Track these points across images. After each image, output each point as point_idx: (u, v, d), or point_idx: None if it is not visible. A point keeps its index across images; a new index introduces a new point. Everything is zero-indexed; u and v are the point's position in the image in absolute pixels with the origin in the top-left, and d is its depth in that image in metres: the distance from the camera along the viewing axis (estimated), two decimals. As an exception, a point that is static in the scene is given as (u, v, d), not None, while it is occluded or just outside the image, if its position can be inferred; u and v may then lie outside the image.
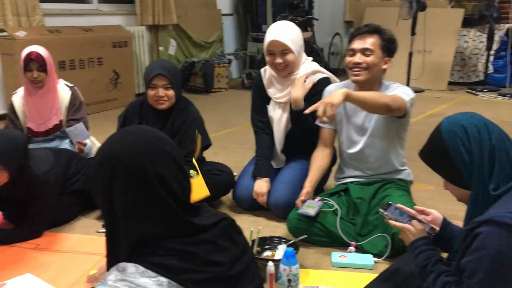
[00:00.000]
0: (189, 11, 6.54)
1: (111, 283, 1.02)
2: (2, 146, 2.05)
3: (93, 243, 2.29)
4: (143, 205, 1.07)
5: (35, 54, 2.96)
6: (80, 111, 3.18)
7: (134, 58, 5.69)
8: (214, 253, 1.10)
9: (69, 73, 4.76)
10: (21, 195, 2.26)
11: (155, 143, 1.11)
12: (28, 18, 4.70)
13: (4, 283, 1.92)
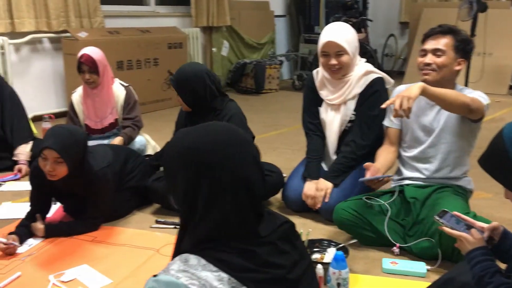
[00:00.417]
0: (242, 13, 6.61)
1: (173, 273, 1.04)
2: (62, 140, 2.14)
3: (146, 237, 2.36)
4: (224, 204, 1.07)
5: (85, 57, 3.11)
6: (134, 110, 3.29)
7: (188, 59, 5.81)
8: (275, 255, 1.10)
9: (127, 73, 4.93)
10: (80, 189, 2.36)
11: (244, 143, 1.11)
12: (90, 19, 4.91)
13: (63, 272, 2.02)
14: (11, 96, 3.33)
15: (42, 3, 4.49)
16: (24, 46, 4.56)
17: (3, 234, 2.23)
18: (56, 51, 4.78)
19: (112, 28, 4.99)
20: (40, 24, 4.52)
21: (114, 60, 4.79)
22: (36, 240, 2.30)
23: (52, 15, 4.56)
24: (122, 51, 4.89)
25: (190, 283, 1.01)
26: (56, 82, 4.86)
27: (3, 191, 2.97)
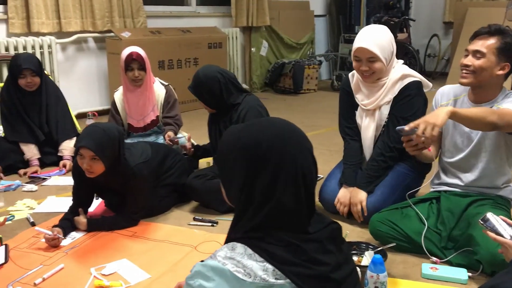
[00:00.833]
0: (282, 13, 6.60)
1: (220, 259, 1.07)
2: (97, 139, 2.20)
3: (184, 234, 2.39)
4: (282, 196, 1.08)
5: (136, 54, 3.17)
6: (174, 109, 3.35)
7: (227, 59, 5.85)
8: (320, 253, 1.11)
9: (167, 72, 5.02)
10: (118, 185, 2.42)
11: (301, 136, 1.14)
12: (133, 20, 5.03)
13: (104, 266, 2.08)
14: (57, 94, 3.45)
15: (88, 3, 4.63)
16: (70, 46, 4.71)
17: (48, 227, 2.31)
18: (100, 50, 4.92)
19: (154, 28, 5.09)
20: (85, 24, 4.66)
21: (155, 60, 4.89)
22: (79, 233, 2.38)
23: (97, 16, 4.69)
24: (164, 50, 4.98)
25: (235, 270, 1.04)
26: (100, 81, 5.00)
27: (48, 186, 3.08)
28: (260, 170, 1.09)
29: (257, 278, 1.04)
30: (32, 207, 2.74)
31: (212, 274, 1.06)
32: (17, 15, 4.19)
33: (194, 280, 1.08)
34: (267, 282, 1.04)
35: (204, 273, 1.07)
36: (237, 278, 1.04)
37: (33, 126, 3.31)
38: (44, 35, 4.36)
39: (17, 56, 3.35)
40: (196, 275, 1.08)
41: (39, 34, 4.34)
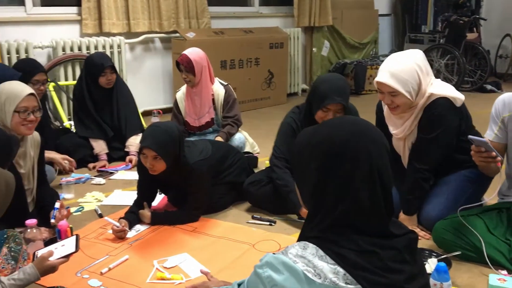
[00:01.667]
0: (345, 12, 6.52)
1: (291, 256, 1.07)
2: (159, 140, 2.28)
3: (243, 232, 2.43)
4: (357, 195, 1.07)
5: (182, 57, 3.31)
6: (233, 108, 3.40)
7: (288, 58, 5.86)
8: (396, 262, 1.08)
9: (229, 72, 5.09)
10: (179, 181, 2.49)
11: (378, 134, 1.12)
12: (197, 20, 5.15)
13: (166, 259, 2.14)
14: (126, 92, 3.61)
15: (155, 5, 4.79)
16: (137, 46, 4.90)
17: (115, 219, 2.41)
18: (165, 50, 5.08)
19: (218, 29, 5.18)
20: (152, 25, 4.83)
21: (218, 60, 4.98)
22: (143, 226, 2.47)
23: (163, 17, 4.85)
24: (226, 50, 5.06)
25: (305, 269, 1.04)
26: (165, 80, 5.16)
27: (115, 179, 3.22)
28: (333, 166, 1.08)
29: (327, 280, 1.04)
30: (100, 199, 2.87)
31: (282, 268, 1.06)
32: (90, 16, 4.41)
33: (264, 270, 1.08)
34: (337, 285, 1.03)
35: (274, 265, 1.07)
36: (307, 277, 1.04)
37: (102, 122, 3.48)
38: (114, 35, 4.57)
39: (94, 55, 3.53)
40: (266, 265, 1.09)
41: (109, 35, 4.55)
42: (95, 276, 2.01)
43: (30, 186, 2.35)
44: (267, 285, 1.07)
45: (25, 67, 3.08)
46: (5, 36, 3.98)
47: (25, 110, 2.19)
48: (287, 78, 5.92)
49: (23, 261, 1.94)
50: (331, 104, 2.34)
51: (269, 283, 1.07)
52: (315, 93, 2.42)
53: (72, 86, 4.14)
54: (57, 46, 4.22)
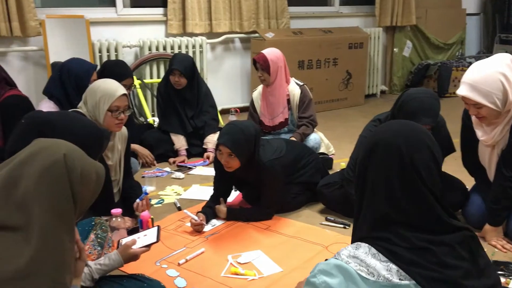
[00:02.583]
0: (430, 11, 6.25)
1: (344, 257, 1.10)
2: (234, 137, 2.33)
3: (316, 233, 2.42)
4: (391, 189, 1.12)
5: (260, 55, 3.34)
6: (309, 109, 3.39)
7: (368, 59, 5.73)
8: (451, 257, 1.08)
9: (306, 72, 5.08)
10: (253, 178, 2.54)
11: (417, 133, 1.17)
12: (277, 20, 5.18)
13: (240, 254, 2.19)
14: (206, 91, 3.73)
15: (236, 6, 4.89)
16: (218, 46, 5.03)
17: (193, 212, 2.50)
18: (245, 50, 5.17)
19: (297, 29, 5.18)
20: (233, 25, 4.93)
21: (295, 60, 4.99)
22: (219, 221, 2.54)
23: (244, 17, 4.94)
24: (304, 51, 5.05)
25: (358, 269, 1.07)
26: (243, 79, 5.25)
27: (193, 175, 3.33)
28: (368, 163, 1.15)
29: (380, 278, 1.06)
30: (179, 193, 2.99)
31: (335, 272, 1.09)
32: (175, 17, 4.59)
33: (317, 278, 1.11)
34: (391, 282, 1.05)
35: (327, 270, 1.10)
36: (361, 276, 1.07)
37: (184, 118, 3.62)
38: (196, 36, 4.72)
39: (175, 55, 3.69)
40: (320, 273, 1.12)
41: (192, 35, 4.71)
42: (172, 266, 2.10)
43: (117, 177, 2.50)
44: None
45: (116, 70, 3.29)
46: (97, 35, 4.25)
47: (117, 109, 2.33)
48: (365, 79, 5.79)
49: (108, 248, 2.07)
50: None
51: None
52: (402, 108, 2.29)
53: (156, 84, 4.34)
54: (143, 45, 4.44)
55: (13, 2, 3.74)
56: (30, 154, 1.16)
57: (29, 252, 1.05)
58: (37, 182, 1.11)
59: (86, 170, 1.20)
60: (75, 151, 1.22)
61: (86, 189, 1.20)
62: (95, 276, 1.64)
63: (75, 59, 3.11)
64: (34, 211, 1.08)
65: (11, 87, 3.07)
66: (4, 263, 1.03)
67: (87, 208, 1.25)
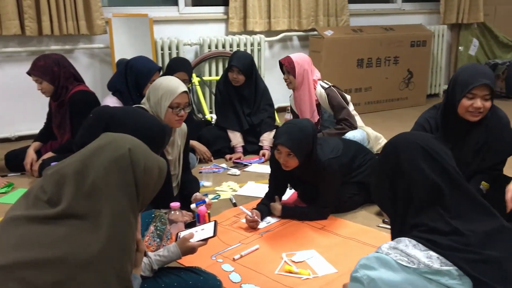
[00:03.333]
0: (499, 8, 5.95)
1: (384, 249, 1.17)
2: (293, 136, 2.32)
3: (372, 235, 2.37)
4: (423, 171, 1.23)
5: (286, 58, 3.36)
6: (339, 111, 3.32)
7: (431, 58, 5.54)
8: (489, 240, 1.13)
9: (365, 70, 4.99)
10: (310, 177, 2.52)
11: (418, 138, 1.31)
12: (336, 18, 5.12)
13: (294, 253, 2.19)
14: (264, 89, 3.75)
15: (295, 3, 4.87)
16: (276, 44, 5.03)
17: (248, 209, 2.53)
18: (303, 48, 5.14)
19: (356, 26, 5.09)
20: (292, 23, 4.92)
21: (354, 58, 4.90)
22: (273, 218, 2.55)
23: (303, 15, 4.91)
24: (364, 49, 4.96)
25: (398, 259, 1.13)
26: (300, 77, 5.22)
27: (249, 172, 3.36)
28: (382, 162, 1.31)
29: (421, 265, 1.10)
30: (234, 189, 3.03)
31: (376, 264, 1.14)
32: (236, 15, 4.64)
33: (359, 272, 1.17)
34: (431, 268, 1.09)
35: (368, 264, 1.16)
36: (400, 265, 1.12)
37: (241, 115, 3.65)
38: (256, 34, 4.75)
39: (235, 52, 3.74)
40: (361, 267, 1.17)
41: (252, 33, 4.75)
42: (228, 261, 2.13)
43: (176, 172, 2.57)
44: (365, 285, 1.15)
45: (171, 63, 3.45)
46: (160, 33, 4.37)
47: (178, 106, 2.39)
48: (427, 78, 5.60)
49: (167, 240, 2.13)
50: (476, 88, 2.17)
51: (366, 281, 1.15)
52: (456, 82, 2.27)
53: (214, 81, 4.41)
54: (203, 43, 4.52)
55: (81, 2, 3.92)
56: (98, 147, 1.22)
57: (97, 241, 1.10)
58: (104, 174, 1.16)
59: (149, 164, 1.24)
60: (139, 145, 1.27)
61: (149, 183, 1.24)
62: (154, 267, 1.69)
63: (141, 57, 3.22)
64: (102, 201, 1.14)
65: (79, 82, 3.24)
66: (74, 250, 1.09)
67: (149, 201, 1.30)
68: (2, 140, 3.91)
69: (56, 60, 3.11)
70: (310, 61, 3.42)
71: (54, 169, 1.21)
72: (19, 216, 1.15)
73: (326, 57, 4.75)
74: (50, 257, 1.07)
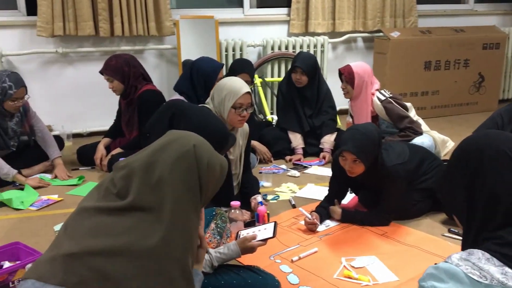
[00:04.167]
0: None
1: (454, 260, 1.10)
2: (359, 142, 2.28)
3: (437, 244, 2.29)
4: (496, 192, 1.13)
5: (345, 67, 3.28)
6: (399, 121, 3.21)
7: (504, 61, 5.25)
8: None
9: (433, 73, 4.81)
10: (373, 183, 2.46)
11: (504, 142, 1.20)
12: (404, 19, 4.98)
13: (354, 258, 2.15)
14: (327, 91, 3.72)
15: (361, 4, 4.79)
16: (340, 45, 4.97)
17: (307, 211, 2.51)
18: (367, 50, 5.04)
19: (424, 28, 4.93)
20: (356, 24, 4.84)
21: (422, 60, 4.75)
22: (333, 222, 2.52)
23: (368, 16, 4.82)
24: (431, 51, 4.78)
25: (469, 272, 1.06)
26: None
27: (308, 174, 3.34)
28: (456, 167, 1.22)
29: (494, 281, 1.03)
30: (294, 190, 3.02)
31: (445, 276, 1.08)
32: (297, 16, 4.64)
33: (427, 282, 1.11)
34: (506, 285, 1.03)
35: (437, 275, 1.10)
36: (471, 279, 1.05)
37: (302, 116, 3.64)
38: (318, 35, 4.72)
39: (299, 53, 3.73)
40: (429, 277, 1.11)
41: (314, 34, 4.72)
42: (286, 262, 2.13)
43: (237, 171, 2.60)
44: None
45: (233, 65, 3.49)
46: (225, 35, 4.45)
47: (241, 106, 2.42)
48: (500, 82, 5.32)
49: (226, 238, 2.17)
50: None
51: None
52: None
53: (276, 82, 4.43)
54: (267, 44, 4.55)
55: (151, 4, 4.07)
56: (165, 143, 1.27)
57: (159, 232, 1.14)
58: (171, 168, 1.20)
59: (212, 162, 1.27)
60: (203, 143, 1.31)
61: (211, 179, 1.27)
62: (215, 264, 1.73)
63: (204, 58, 3.30)
64: (167, 195, 1.18)
65: (147, 82, 3.37)
66: (138, 240, 1.13)
67: (210, 197, 1.33)
68: (75, 135, 4.14)
69: (127, 60, 3.25)
70: (370, 71, 3.34)
71: (124, 163, 1.27)
72: (90, 207, 1.22)
73: (392, 59, 4.64)
74: (116, 246, 1.12)
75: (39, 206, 2.80)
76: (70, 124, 4.10)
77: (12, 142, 3.15)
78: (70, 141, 3.89)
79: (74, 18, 3.89)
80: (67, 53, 4.07)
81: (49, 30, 3.85)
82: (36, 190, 2.99)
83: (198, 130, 1.42)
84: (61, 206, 2.82)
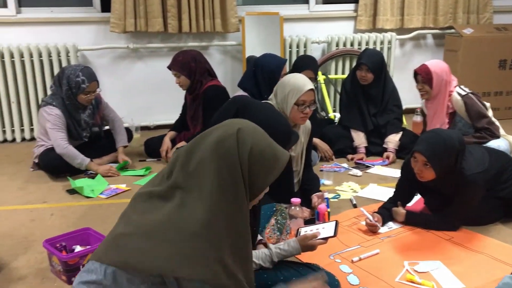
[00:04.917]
0: None
1: None
2: (434, 146, 2.18)
3: (508, 252, 2.17)
4: None
5: (421, 67, 3.15)
6: (478, 120, 3.08)
7: None
8: None
9: (508, 72, 4.55)
10: (447, 189, 2.35)
11: None
12: (478, 15, 4.74)
13: (417, 262, 2.08)
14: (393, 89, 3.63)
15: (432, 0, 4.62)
16: (408, 42, 4.81)
17: (369, 211, 2.46)
18: (437, 47, 4.85)
19: (500, 25, 4.66)
20: (426, 21, 4.66)
21: (496, 59, 4.51)
22: (395, 224, 2.45)
23: (440, 12, 4.63)
24: (507, 49, 4.52)
25: None
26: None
27: (371, 173, 3.27)
28: None
29: None
30: (355, 190, 2.97)
31: None
32: (365, 12, 4.54)
33: None
34: None
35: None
36: None
37: (366, 115, 3.57)
38: (386, 32, 4.59)
39: (365, 50, 3.68)
40: (504, 287, 1.10)
41: (381, 31, 4.60)
42: (346, 262, 2.10)
43: (297, 168, 2.59)
44: None
45: (296, 61, 3.49)
46: (289, 31, 4.43)
47: (303, 103, 2.40)
48: None
49: (286, 234, 2.17)
50: None
51: None
52: None
53: (340, 80, 4.36)
54: (331, 41, 4.49)
55: (218, 1, 4.13)
56: (215, 127, 1.29)
57: (199, 214, 1.17)
58: (211, 149, 1.22)
59: (259, 148, 1.24)
60: (253, 128, 1.28)
61: (257, 166, 1.23)
62: (274, 259, 1.73)
63: (268, 54, 3.31)
64: (205, 177, 1.20)
65: (212, 78, 3.44)
66: (178, 223, 1.17)
67: (262, 187, 1.29)
68: (143, 128, 4.29)
69: (193, 56, 3.33)
70: (448, 70, 3.18)
71: (178, 150, 1.32)
72: (144, 193, 1.28)
73: (464, 57, 4.43)
74: (159, 228, 1.18)
75: (108, 195, 2.94)
76: (138, 117, 4.25)
77: (85, 133, 3.33)
78: (138, 133, 4.04)
79: (145, 15, 4.03)
80: (137, 49, 4.23)
81: (121, 26, 4.01)
82: (106, 179, 3.13)
83: (261, 126, 1.39)
84: (128, 195, 2.94)
